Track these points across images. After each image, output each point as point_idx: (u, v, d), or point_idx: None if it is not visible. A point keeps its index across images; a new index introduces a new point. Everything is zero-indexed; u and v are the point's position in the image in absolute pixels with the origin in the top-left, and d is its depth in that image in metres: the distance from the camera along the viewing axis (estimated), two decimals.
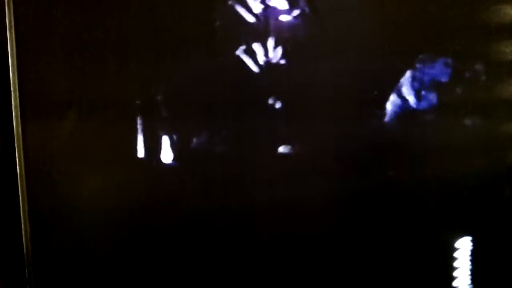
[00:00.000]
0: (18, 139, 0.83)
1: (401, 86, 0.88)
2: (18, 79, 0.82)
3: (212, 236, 0.90)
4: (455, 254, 0.92)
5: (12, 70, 0.82)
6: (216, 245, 0.90)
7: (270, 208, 0.90)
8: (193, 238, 0.89)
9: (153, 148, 0.86)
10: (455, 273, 0.93)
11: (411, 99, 0.88)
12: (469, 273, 0.93)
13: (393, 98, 0.88)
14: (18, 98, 0.82)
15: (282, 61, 0.87)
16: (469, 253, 0.92)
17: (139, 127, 0.86)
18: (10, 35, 0.81)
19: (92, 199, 0.87)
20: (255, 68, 0.87)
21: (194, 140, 0.87)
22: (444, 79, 0.88)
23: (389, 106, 0.89)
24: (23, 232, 0.85)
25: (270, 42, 0.86)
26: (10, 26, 0.81)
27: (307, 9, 0.86)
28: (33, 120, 0.83)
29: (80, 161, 0.86)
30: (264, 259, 0.91)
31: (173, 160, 0.87)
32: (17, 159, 0.83)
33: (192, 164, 0.88)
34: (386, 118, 0.89)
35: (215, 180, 0.89)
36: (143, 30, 0.84)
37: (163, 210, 0.88)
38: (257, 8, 0.86)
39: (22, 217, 0.84)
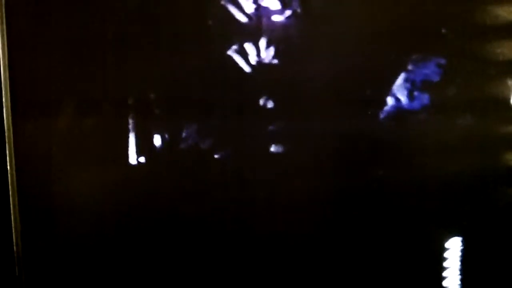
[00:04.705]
0: (9, 137, 0.83)
1: (395, 86, 0.88)
2: (10, 78, 0.82)
3: (204, 236, 0.90)
4: (446, 254, 0.92)
5: (3, 69, 0.82)
6: (207, 245, 0.90)
7: (262, 207, 0.90)
8: (187, 238, 0.89)
9: (144, 147, 0.86)
10: (445, 273, 0.92)
11: (404, 98, 0.88)
12: (459, 273, 0.93)
13: (386, 97, 0.88)
14: (9, 97, 0.83)
15: (274, 61, 0.87)
16: (460, 253, 0.92)
17: (130, 126, 0.86)
18: (1, 33, 0.81)
19: (84, 197, 0.87)
20: (247, 68, 0.86)
21: (187, 139, 0.87)
22: (437, 78, 0.88)
23: (382, 106, 0.89)
24: (13, 231, 0.85)
25: (262, 42, 0.86)
26: (1, 23, 0.81)
27: (299, 10, 0.86)
28: (24, 118, 0.84)
29: (71, 159, 0.86)
30: (255, 259, 0.91)
31: (165, 159, 0.87)
32: (7, 157, 0.83)
33: (184, 164, 0.88)
34: (379, 118, 0.89)
35: (207, 179, 0.89)
36: (134, 29, 0.84)
37: (155, 210, 0.88)
38: (250, 8, 0.86)
39: (12, 215, 0.84)
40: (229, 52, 0.86)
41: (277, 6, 0.86)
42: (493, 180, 0.91)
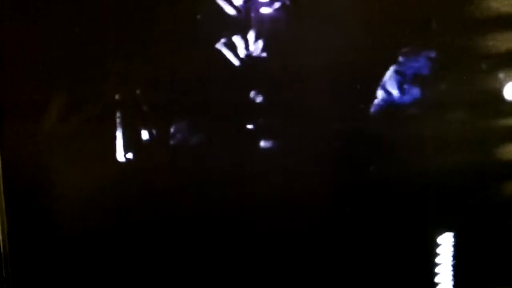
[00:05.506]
0: None
1: (385, 80, 0.87)
2: None
3: (200, 236, 0.89)
4: (439, 250, 0.92)
5: None
6: (203, 245, 0.90)
7: (253, 205, 0.90)
8: (181, 237, 0.89)
9: (134, 145, 0.86)
10: (437, 269, 0.93)
11: (397, 93, 0.88)
12: (451, 269, 0.93)
13: (378, 92, 0.88)
14: None
15: (263, 54, 0.86)
16: (452, 249, 0.92)
17: (119, 124, 0.85)
18: None
19: (72, 197, 0.86)
20: (235, 62, 0.86)
21: (178, 137, 0.86)
22: (428, 73, 0.88)
23: (374, 100, 0.88)
24: (0, 231, 0.84)
25: (251, 35, 0.85)
26: None
27: (288, 2, 0.85)
28: (10, 118, 0.82)
29: (59, 159, 0.85)
30: (250, 257, 0.91)
31: (156, 157, 0.86)
32: None
33: (177, 162, 0.88)
34: (370, 113, 0.88)
35: (201, 177, 0.88)
36: (121, 25, 0.83)
37: (146, 209, 0.88)
38: (238, 0, 0.85)
39: None
40: (218, 46, 0.85)
41: None
42: (487, 175, 0.91)
